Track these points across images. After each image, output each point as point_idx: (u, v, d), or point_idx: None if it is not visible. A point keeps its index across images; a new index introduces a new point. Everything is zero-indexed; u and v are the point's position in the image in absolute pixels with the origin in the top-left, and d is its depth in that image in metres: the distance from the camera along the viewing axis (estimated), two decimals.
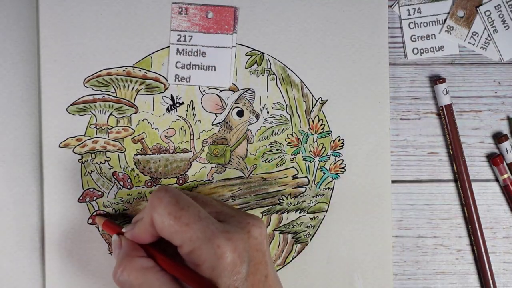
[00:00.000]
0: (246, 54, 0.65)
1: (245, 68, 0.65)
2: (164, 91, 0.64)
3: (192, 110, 0.65)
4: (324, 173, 0.66)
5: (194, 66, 0.65)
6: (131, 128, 0.64)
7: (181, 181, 0.65)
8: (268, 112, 0.66)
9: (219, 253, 0.53)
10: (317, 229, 0.66)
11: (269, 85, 0.65)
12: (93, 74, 0.64)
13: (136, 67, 0.64)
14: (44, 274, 0.64)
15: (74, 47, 0.63)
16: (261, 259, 0.56)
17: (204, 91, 0.65)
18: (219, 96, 0.65)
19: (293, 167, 0.66)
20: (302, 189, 0.66)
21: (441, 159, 0.69)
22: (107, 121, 0.64)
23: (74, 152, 0.64)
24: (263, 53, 0.65)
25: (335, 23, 0.66)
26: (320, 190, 0.66)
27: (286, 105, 0.66)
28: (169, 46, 0.64)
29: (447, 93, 0.67)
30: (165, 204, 0.54)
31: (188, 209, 0.54)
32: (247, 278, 0.54)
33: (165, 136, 0.65)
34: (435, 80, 0.68)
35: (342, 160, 0.66)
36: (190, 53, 0.64)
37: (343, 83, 0.66)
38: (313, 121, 0.66)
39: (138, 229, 0.57)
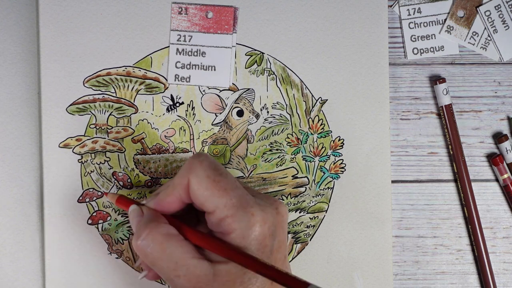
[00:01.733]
0: (246, 54, 0.65)
1: (245, 68, 0.65)
2: (164, 91, 0.64)
3: (192, 110, 0.65)
4: (324, 173, 0.66)
5: (194, 66, 0.65)
6: (131, 128, 0.64)
7: None
8: (268, 112, 0.66)
9: (252, 221, 0.53)
10: (317, 229, 0.66)
11: (269, 85, 0.65)
12: (93, 74, 0.64)
13: (136, 67, 0.64)
14: (44, 274, 0.64)
15: (74, 47, 0.63)
16: (283, 238, 0.56)
17: (204, 91, 0.65)
18: (219, 96, 0.65)
19: (293, 167, 0.66)
20: (302, 189, 0.66)
21: (441, 159, 0.69)
22: (107, 121, 0.64)
23: (74, 152, 0.64)
24: (263, 53, 0.65)
25: (335, 23, 0.66)
26: (320, 190, 0.66)
27: (286, 105, 0.66)
28: (169, 46, 0.64)
29: (447, 93, 0.67)
30: (205, 167, 0.54)
31: (226, 175, 0.54)
32: (272, 253, 0.54)
33: (165, 136, 0.65)
34: (435, 80, 0.68)
35: (342, 160, 0.66)
36: (190, 53, 0.64)
37: (343, 83, 0.66)
38: (313, 121, 0.66)
39: (165, 195, 0.56)
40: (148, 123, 0.64)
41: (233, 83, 0.65)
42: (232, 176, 0.55)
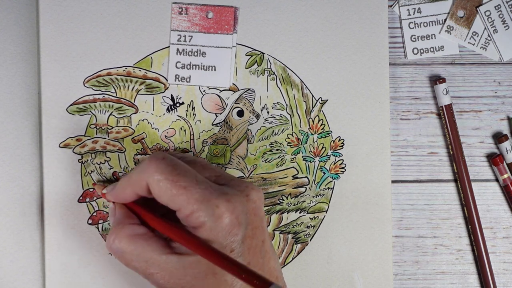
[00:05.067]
0: (246, 54, 0.65)
1: (245, 68, 0.65)
2: (164, 91, 0.64)
3: (192, 110, 0.65)
4: (324, 173, 0.66)
5: (194, 66, 0.65)
6: (131, 128, 0.64)
7: None
8: (268, 112, 0.66)
9: (217, 213, 0.53)
10: (317, 229, 0.66)
11: (269, 85, 0.65)
12: (93, 74, 0.64)
13: (136, 67, 0.64)
14: (44, 274, 0.63)
15: (74, 47, 0.63)
16: (258, 224, 0.56)
17: (204, 91, 0.65)
18: (219, 96, 0.65)
19: (293, 167, 0.66)
20: (302, 189, 0.66)
21: (441, 159, 0.69)
22: (107, 121, 0.64)
23: (74, 152, 0.64)
24: (263, 53, 0.65)
25: (335, 23, 0.66)
26: (320, 190, 0.66)
27: (286, 105, 0.66)
28: (169, 46, 0.64)
29: (447, 93, 0.67)
30: (161, 169, 0.55)
31: (185, 173, 0.55)
32: (244, 241, 0.54)
33: (165, 136, 0.65)
34: (435, 80, 0.68)
35: (342, 160, 0.66)
36: (190, 53, 0.64)
37: (343, 83, 0.66)
38: (313, 121, 0.66)
39: (122, 188, 0.58)
40: (148, 123, 0.64)
41: (233, 83, 0.65)
42: (192, 172, 0.55)
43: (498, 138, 0.68)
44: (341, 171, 0.66)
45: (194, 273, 0.54)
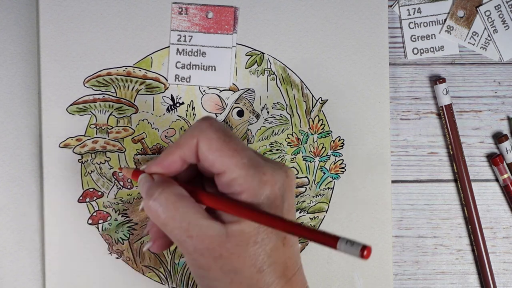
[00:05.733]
0: (246, 54, 0.65)
1: (245, 68, 0.65)
2: (164, 91, 0.64)
3: (192, 110, 0.65)
4: (324, 173, 0.66)
5: (194, 66, 0.65)
6: (131, 128, 0.64)
7: None
8: (268, 112, 0.66)
9: (264, 180, 0.52)
10: (317, 229, 0.66)
11: (269, 85, 0.65)
12: (93, 74, 0.64)
13: (136, 67, 0.64)
14: (44, 274, 0.63)
15: (74, 47, 0.63)
16: (292, 202, 0.55)
17: (204, 91, 0.65)
18: (219, 96, 0.65)
19: (293, 167, 0.66)
20: (302, 189, 0.66)
21: (441, 159, 0.69)
22: (107, 121, 0.64)
23: (74, 152, 0.64)
24: (263, 53, 0.65)
25: (335, 23, 0.66)
26: (320, 190, 0.66)
27: (286, 105, 0.66)
28: (169, 46, 0.64)
29: (447, 93, 0.67)
30: (215, 129, 0.53)
31: (235, 138, 0.53)
32: (282, 216, 0.53)
33: (165, 136, 0.65)
34: (435, 80, 0.68)
35: (342, 160, 0.66)
36: (190, 53, 0.64)
37: (343, 83, 0.66)
38: (313, 121, 0.66)
39: (167, 154, 0.54)
40: (148, 123, 0.64)
41: (233, 83, 0.65)
42: (241, 140, 0.54)
43: (498, 138, 0.68)
44: (341, 171, 0.66)
45: (236, 241, 0.52)
